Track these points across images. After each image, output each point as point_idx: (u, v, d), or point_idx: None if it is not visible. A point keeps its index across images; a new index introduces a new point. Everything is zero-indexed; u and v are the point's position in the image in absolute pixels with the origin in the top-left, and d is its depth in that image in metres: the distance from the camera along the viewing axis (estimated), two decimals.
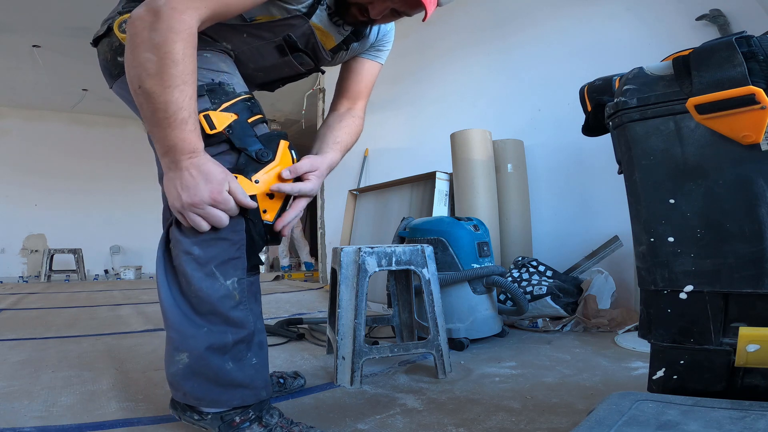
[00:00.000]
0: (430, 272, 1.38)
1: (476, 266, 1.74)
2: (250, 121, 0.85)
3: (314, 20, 0.93)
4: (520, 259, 2.22)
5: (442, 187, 2.52)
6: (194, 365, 0.81)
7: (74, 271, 6.20)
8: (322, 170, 0.95)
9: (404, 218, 1.96)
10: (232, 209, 0.78)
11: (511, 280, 2.09)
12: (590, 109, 0.93)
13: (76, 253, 6.23)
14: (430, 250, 1.42)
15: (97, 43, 0.94)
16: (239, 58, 0.97)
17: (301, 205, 0.90)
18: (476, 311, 1.73)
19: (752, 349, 0.65)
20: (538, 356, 1.54)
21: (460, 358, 1.55)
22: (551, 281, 2.02)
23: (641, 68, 0.79)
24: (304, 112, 5.59)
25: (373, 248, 1.34)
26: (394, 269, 1.41)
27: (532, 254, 2.53)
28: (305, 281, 5.19)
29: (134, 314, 2.70)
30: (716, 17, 2.02)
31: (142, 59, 0.69)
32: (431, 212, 2.45)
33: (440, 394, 1.19)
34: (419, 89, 3.68)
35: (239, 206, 0.79)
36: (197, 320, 0.82)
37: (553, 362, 1.46)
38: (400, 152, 3.82)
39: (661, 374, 0.75)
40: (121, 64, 0.87)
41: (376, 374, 1.37)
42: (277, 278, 5.35)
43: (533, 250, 2.58)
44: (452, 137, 2.53)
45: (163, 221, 1.11)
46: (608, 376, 1.29)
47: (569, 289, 2.01)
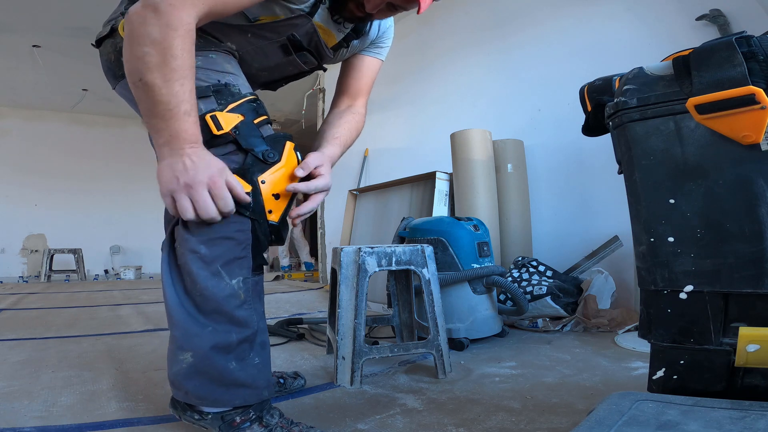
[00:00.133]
0: (430, 272, 1.38)
1: (476, 266, 1.74)
2: (255, 122, 0.86)
3: (316, 19, 0.94)
4: (520, 259, 2.22)
5: (442, 187, 2.52)
6: (198, 364, 0.81)
7: (74, 271, 6.20)
8: (326, 164, 0.96)
9: (404, 218, 1.96)
10: (224, 199, 0.76)
11: (511, 280, 2.09)
12: (590, 109, 0.93)
13: (76, 253, 6.23)
14: (430, 250, 1.42)
15: (99, 44, 0.94)
16: (243, 57, 0.97)
17: (319, 198, 0.92)
18: (476, 311, 1.73)
19: (752, 349, 0.65)
20: (538, 356, 1.54)
21: (460, 358, 1.55)
22: (551, 281, 2.02)
23: (641, 68, 0.79)
24: (304, 112, 5.59)
25: (373, 248, 1.34)
26: (394, 269, 1.41)
27: (532, 254, 2.53)
28: (305, 281, 5.19)
29: (134, 314, 2.70)
30: (716, 17, 2.02)
31: (141, 53, 0.69)
32: (431, 212, 2.45)
33: (440, 394, 1.19)
34: (419, 89, 3.68)
35: (235, 200, 0.78)
36: (202, 319, 0.82)
37: (553, 362, 1.46)
38: (400, 152, 3.82)
39: (661, 374, 0.75)
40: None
41: (376, 374, 1.37)
42: (277, 278, 5.35)
43: (533, 250, 2.58)
44: (452, 137, 2.53)
45: (165, 222, 1.11)
46: (608, 376, 1.29)
47: (569, 289, 2.01)
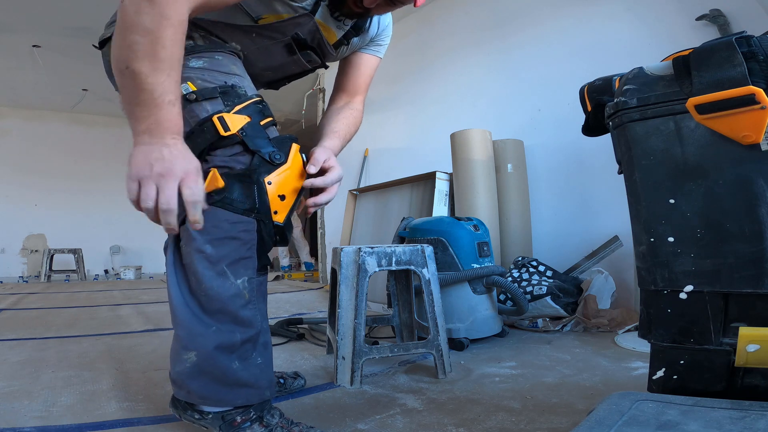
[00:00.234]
0: (430, 272, 1.38)
1: (476, 266, 1.74)
2: (262, 123, 0.87)
3: (317, 16, 0.95)
4: (520, 259, 2.22)
5: (442, 187, 2.52)
6: (202, 364, 0.81)
7: (74, 271, 6.20)
8: (332, 156, 0.98)
9: (404, 218, 1.96)
10: (190, 188, 0.72)
11: (511, 280, 2.09)
12: (590, 109, 0.93)
13: (76, 253, 6.23)
14: (430, 250, 1.42)
15: (102, 45, 0.94)
16: (248, 57, 0.98)
17: (335, 189, 0.96)
18: (476, 311, 1.73)
19: (752, 349, 0.65)
20: (538, 356, 1.54)
21: (460, 358, 1.55)
22: (551, 281, 2.02)
23: (641, 68, 0.79)
24: (304, 112, 5.58)
25: (373, 248, 1.34)
26: (394, 269, 1.41)
27: (532, 254, 2.53)
28: (305, 281, 5.19)
29: (134, 314, 2.70)
30: (716, 17, 2.02)
31: (130, 41, 0.69)
32: (431, 212, 2.45)
33: (440, 394, 1.19)
34: (419, 89, 3.68)
35: (194, 205, 0.73)
36: (206, 319, 0.82)
37: (553, 362, 1.46)
38: (400, 152, 3.81)
39: (661, 374, 0.75)
40: None
41: (376, 374, 1.37)
42: (277, 278, 5.35)
43: (533, 250, 2.58)
44: (452, 137, 2.53)
45: None
46: (608, 376, 1.29)
47: (569, 289, 2.01)
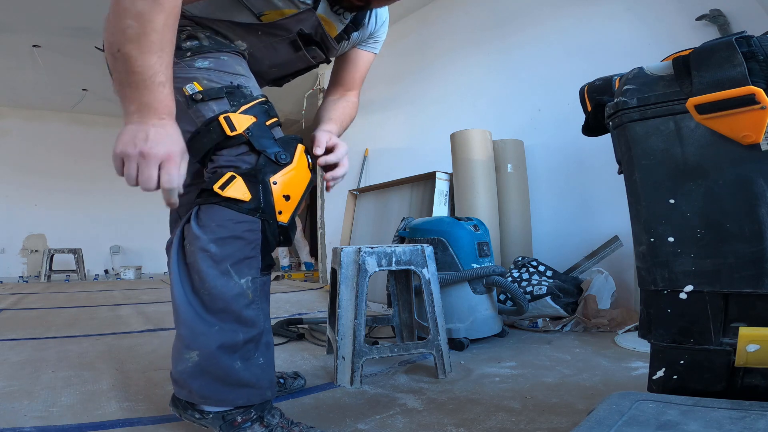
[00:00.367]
0: (430, 272, 1.38)
1: (476, 266, 1.74)
2: (267, 123, 0.87)
3: (319, 11, 0.95)
4: (520, 259, 2.22)
5: (442, 187, 2.52)
6: (204, 363, 0.81)
7: (74, 271, 6.20)
8: (333, 134, 1.02)
9: (404, 218, 1.96)
10: (168, 173, 0.72)
11: (511, 280, 2.09)
12: (590, 109, 0.93)
13: (76, 253, 6.23)
14: (430, 250, 1.42)
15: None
16: (254, 55, 0.99)
17: (347, 163, 1.01)
18: (476, 311, 1.73)
19: (752, 349, 0.65)
20: (538, 356, 1.54)
21: (460, 358, 1.55)
22: (551, 281, 2.02)
23: (641, 68, 0.79)
24: (304, 112, 5.58)
25: (373, 248, 1.34)
26: (394, 269, 1.41)
27: (532, 254, 2.53)
28: (305, 281, 5.19)
29: (134, 314, 2.70)
30: (716, 17, 2.02)
31: (123, 26, 0.70)
32: (431, 212, 2.45)
33: (440, 394, 1.19)
34: (419, 89, 3.68)
35: (169, 191, 0.73)
36: (209, 318, 0.82)
37: (553, 362, 1.46)
38: (400, 152, 3.81)
39: (661, 374, 0.75)
40: None
41: (376, 374, 1.37)
42: (277, 278, 5.35)
43: (533, 250, 2.58)
44: (452, 137, 2.53)
45: (170, 222, 1.12)
46: (608, 376, 1.29)
47: (569, 289, 2.01)
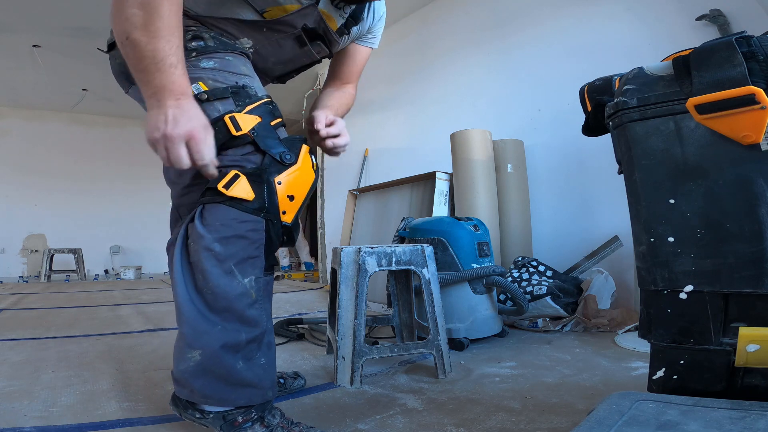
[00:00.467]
0: (430, 272, 1.38)
1: (476, 266, 1.74)
2: (272, 124, 0.88)
3: (320, 6, 0.97)
4: (520, 259, 2.22)
5: (442, 187, 2.52)
6: (206, 363, 0.81)
7: (74, 271, 6.20)
8: (329, 112, 1.06)
9: (404, 218, 1.96)
10: (199, 152, 0.76)
11: (511, 280, 2.09)
12: (590, 109, 0.93)
13: (76, 253, 6.23)
14: (430, 250, 1.42)
15: (111, 47, 0.94)
16: (260, 52, 1.00)
17: (347, 134, 1.06)
18: (476, 311, 1.73)
19: (752, 349, 0.65)
20: (538, 356, 1.54)
21: (460, 358, 1.55)
22: (551, 281, 2.02)
23: (641, 68, 0.79)
24: (304, 112, 5.59)
25: (373, 248, 1.34)
26: (394, 269, 1.41)
27: (532, 254, 2.53)
28: (305, 281, 5.19)
29: (134, 314, 2.70)
30: (716, 17, 2.02)
31: (128, 14, 0.72)
32: (431, 212, 2.45)
33: (440, 394, 1.19)
34: (419, 89, 3.68)
35: (198, 164, 0.77)
36: (212, 317, 0.82)
37: (553, 362, 1.46)
38: (400, 152, 3.81)
39: (661, 374, 0.75)
40: None
41: (376, 374, 1.37)
42: (277, 278, 5.34)
43: (533, 250, 2.58)
44: (452, 137, 2.53)
45: (171, 222, 1.13)
46: (608, 376, 1.29)
47: (569, 289, 2.01)
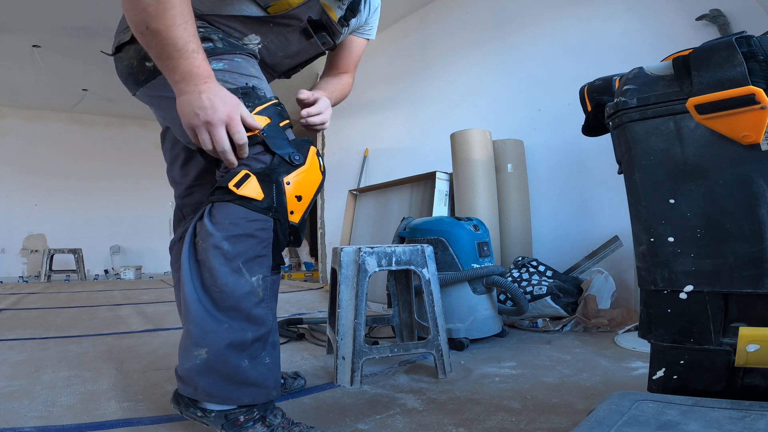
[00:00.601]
0: (430, 272, 1.38)
1: (476, 266, 1.74)
2: (281, 125, 0.89)
3: None
4: (520, 259, 2.22)
5: (442, 187, 2.52)
6: (212, 361, 0.81)
7: (74, 271, 6.20)
8: (315, 92, 1.07)
9: (404, 218, 1.96)
10: (239, 133, 0.81)
11: (511, 280, 2.09)
12: (590, 109, 0.93)
13: (76, 253, 6.23)
14: (430, 250, 1.42)
15: (119, 50, 0.93)
16: (269, 48, 1.02)
17: (329, 111, 1.07)
18: (476, 311, 1.73)
19: (752, 349, 0.65)
20: (538, 356, 1.54)
21: (460, 358, 1.55)
22: (551, 281, 2.02)
23: (641, 68, 0.79)
24: None
25: (373, 248, 1.34)
26: (394, 269, 1.41)
27: (532, 254, 2.53)
28: (305, 281, 5.19)
29: (134, 314, 2.70)
30: (716, 17, 2.02)
31: (143, 5, 0.73)
32: (431, 212, 2.45)
33: (440, 394, 1.19)
34: (419, 89, 3.68)
35: (248, 129, 0.83)
36: (218, 316, 0.82)
37: (553, 362, 1.46)
38: (400, 152, 3.81)
39: (661, 374, 0.75)
40: (149, 69, 0.89)
41: (376, 374, 1.37)
42: None
43: (533, 250, 2.58)
44: (452, 137, 2.53)
45: (174, 221, 1.14)
46: (608, 376, 1.29)
47: (569, 289, 2.01)
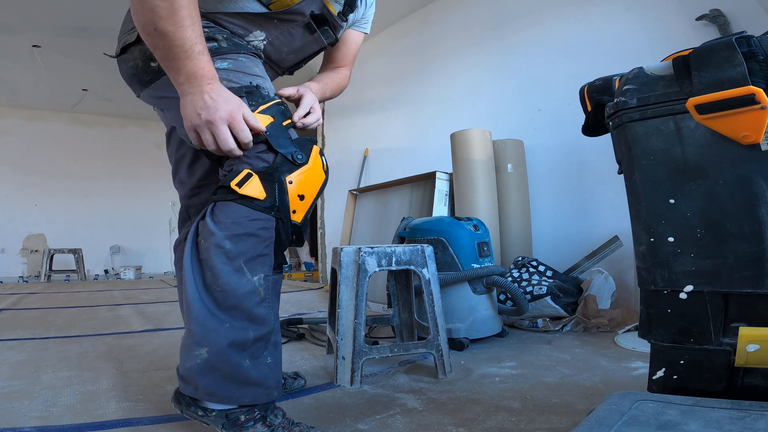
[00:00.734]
0: (430, 272, 1.38)
1: (476, 266, 1.74)
2: (284, 124, 0.90)
3: None
4: (520, 259, 2.22)
5: (442, 187, 2.52)
6: (213, 360, 0.81)
7: (74, 271, 6.20)
8: (300, 88, 1.08)
9: (404, 218, 1.96)
10: (243, 131, 0.82)
11: (511, 280, 2.09)
12: (590, 109, 0.93)
13: (76, 253, 6.23)
14: (430, 250, 1.42)
15: (124, 51, 0.93)
16: (274, 44, 1.02)
17: (319, 111, 1.06)
18: (476, 311, 1.73)
19: (752, 349, 0.65)
20: (538, 356, 1.54)
21: (460, 358, 1.55)
22: (551, 281, 2.02)
23: (641, 68, 0.79)
24: None
25: (373, 248, 1.34)
26: (394, 269, 1.41)
27: (532, 254, 2.53)
28: (305, 281, 5.19)
29: (134, 314, 2.70)
30: (716, 17, 2.02)
31: (151, 5, 0.74)
32: (431, 212, 2.45)
33: (440, 394, 1.19)
34: (419, 89, 3.68)
35: (252, 131, 0.83)
36: (220, 315, 0.82)
37: (553, 362, 1.46)
38: (400, 152, 3.81)
39: (661, 374, 0.75)
40: (154, 69, 0.89)
41: (376, 374, 1.37)
42: None
43: (533, 250, 2.58)
44: (452, 137, 2.53)
45: (179, 221, 1.14)
46: (608, 376, 1.29)
47: (569, 289, 2.01)
